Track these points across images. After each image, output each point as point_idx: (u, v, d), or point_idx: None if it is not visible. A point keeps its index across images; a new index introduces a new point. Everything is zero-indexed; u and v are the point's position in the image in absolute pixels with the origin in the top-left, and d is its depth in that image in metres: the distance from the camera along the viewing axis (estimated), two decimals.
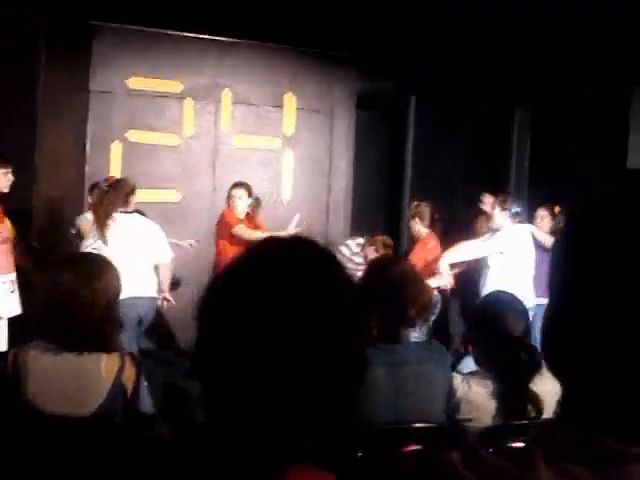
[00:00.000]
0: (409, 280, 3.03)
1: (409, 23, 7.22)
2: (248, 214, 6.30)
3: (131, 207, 5.56)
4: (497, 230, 5.98)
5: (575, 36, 6.96)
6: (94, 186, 5.99)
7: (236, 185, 6.24)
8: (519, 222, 6.09)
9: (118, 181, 5.67)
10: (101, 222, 5.37)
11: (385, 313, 2.97)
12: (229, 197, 6.21)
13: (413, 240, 6.51)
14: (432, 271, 6.01)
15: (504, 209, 5.99)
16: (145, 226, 5.61)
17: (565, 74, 7.45)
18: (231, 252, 6.03)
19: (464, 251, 6.07)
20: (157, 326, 6.14)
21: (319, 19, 6.98)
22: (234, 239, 6.09)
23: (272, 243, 1.19)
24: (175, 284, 6.06)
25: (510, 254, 5.86)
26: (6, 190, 5.50)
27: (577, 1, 6.58)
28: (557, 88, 7.70)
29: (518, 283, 5.48)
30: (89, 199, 6.27)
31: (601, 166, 7.31)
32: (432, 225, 6.39)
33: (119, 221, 5.42)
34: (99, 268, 2.87)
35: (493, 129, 8.33)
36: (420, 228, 6.34)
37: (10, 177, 5.50)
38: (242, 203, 6.21)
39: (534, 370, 2.95)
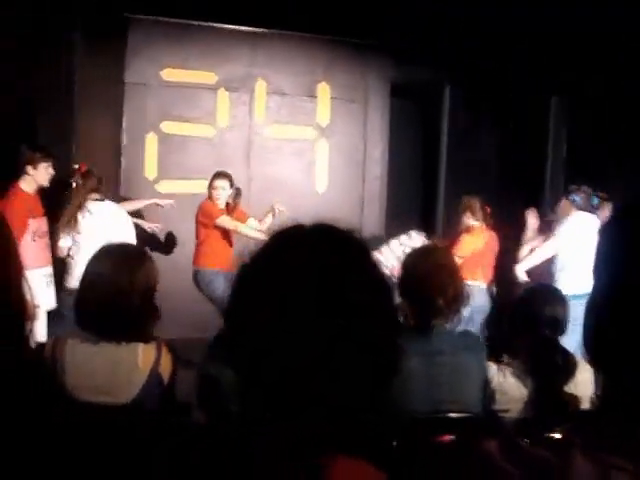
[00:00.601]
0: (439, 270, 3.02)
1: (444, 11, 7.16)
2: (228, 204, 6.34)
3: (101, 195, 5.72)
4: (562, 220, 6.07)
5: (611, 33, 6.86)
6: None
7: (218, 175, 6.28)
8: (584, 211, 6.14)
9: (88, 171, 5.72)
10: (73, 214, 5.50)
11: (418, 303, 2.97)
12: (211, 187, 6.24)
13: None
14: (480, 264, 6.22)
15: (568, 199, 6.06)
16: (117, 212, 5.79)
17: (602, 69, 7.34)
18: (215, 242, 6.15)
19: (537, 256, 6.16)
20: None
21: (352, 8, 6.94)
22: (217, 230, 6.16)
23: (292, 231, 1.18)
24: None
25: (575, 242, 5.89)
26: (46, 184, 5.60)
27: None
28: (594, 82, 7.59)
29: (583, 270, 5.49)
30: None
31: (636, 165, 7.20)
32: (484, 219, 6.38)
33: (93, 209, 5.57)
34: (137, 258, 2.89)
35: (530, 119, 8.23)
36: (471, 222, 6.33)
37: (50, 171, 5.59)
38: (224, 194, 6.27)
39: (568, 374, 2.94)
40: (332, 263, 1.10)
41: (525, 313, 3.05)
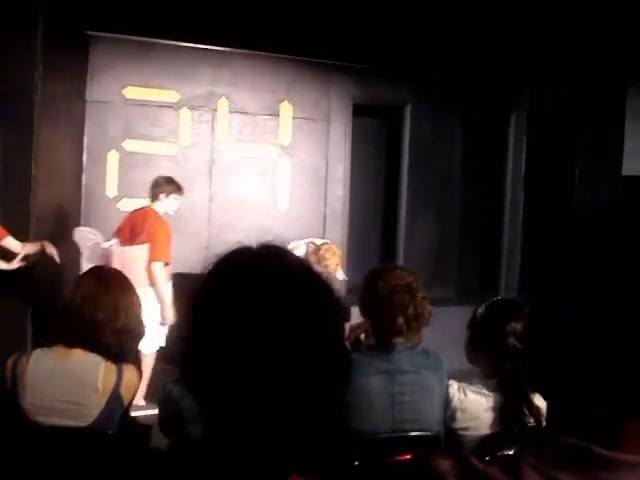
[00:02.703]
0: (396, 289, 3.03)
1: (403, 31, 7.24)
2: None
3: None
4: None
5: (570, 41, 6.99)
6: None
7: None
8: None
9: None
10: None
11: (379, 322, 2.98)
12: None
13: None
14: None
15: None
16: None
17: (561, 79, 7.48)
18: None
19: None
20: None
21: (314, 28, 6.99)
22: None
23: (239, 253, 1.17)
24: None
25: None
26: (171, 213, 6.11)
27: (574, 4, 6.61)
28: (553, 93, 7.74)
29: None
30: None
31: (598, 172, 7.33)
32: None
33: None
34: (119, 282, 2.90)
35: (489, 135, 8.35)
36: None
37: (179, 202, 6.11)
38: None
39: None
40: (279, 285, 1.10)
41: (488, 326, 3.06)
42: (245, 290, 1.09)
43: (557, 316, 0.97)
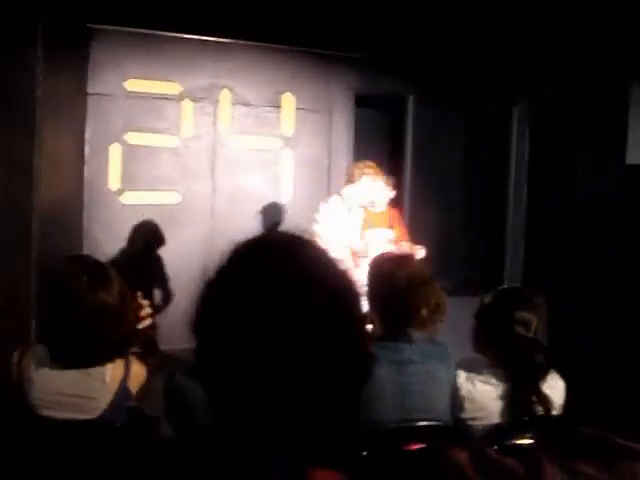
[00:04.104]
0: (418, 281, 3.02)
1: (406, 22, 7.22)
2: None
3: None
4: None
5: (573, 33, 6.97)
6: None
7: None
8: None
9: None
10: None
11: (391, 312, 2.97)
12: None
13: None
14: None
15: None
16: None
17: (564, 72, 7.46)
18: None
19: None
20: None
21: (316, 19, 6.97)
22: None
23: (257, 241, 1.16)
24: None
25: None
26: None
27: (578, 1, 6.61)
28: (555, 86, 7.72)
29: None
30: None
31: (601, 163, 7.32)
32: None
33: None
34: (110, 275, 2.85)
35: (492, 126, 8.34)
36: None
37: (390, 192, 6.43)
38: None
39: (546, 371, 2.95)
40: (300, 273, 1.08)
41: (496, 315, 3.05)
42: (260, 280, 1.06)
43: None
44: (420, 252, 6.31)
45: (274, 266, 1.08)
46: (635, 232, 6.76)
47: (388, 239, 6.63)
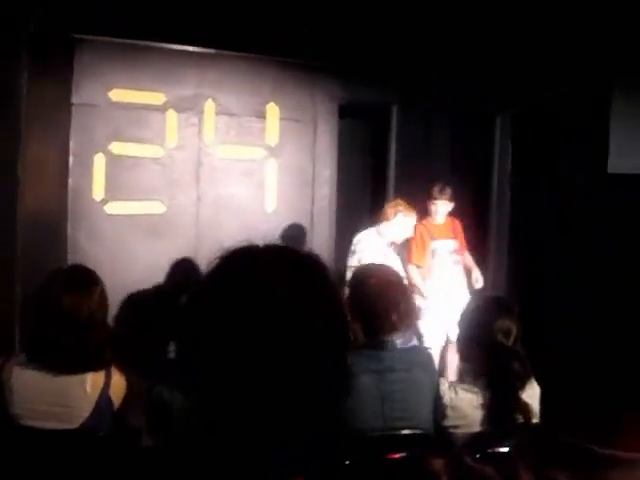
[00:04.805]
0: (389, 286, 3.05)
1: (389, 31, 7.26)
2: None
3: None
4: None
5: (555, 43, 7.03)
6: None
7: None
8: None
9: None
10: None
11: (367, 320, 2.99)
12: None
13: None
14: None
15: None
16: None
17: (547, 82, 7.53)
18: None
19: None
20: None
21: (299, 29, 7.00)
22: None
23: (248, 252, 1.15)
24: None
25: None
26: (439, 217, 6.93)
27: (558, 10, 6.66)
28: (537, 95, 7.79)
29: None
30: None
31: (583, 171, 7.39)
32: None
33: None
34: (91, 283, 2.86)
35: (476, 135, 8.39)
36: None
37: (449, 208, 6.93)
38: None
39: (525, 379, 2.98)
40: (289, 283, 1.08)
41: (478, 323, 3.08)
42: (248, 290, 1.06)
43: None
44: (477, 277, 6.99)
45: (266, 276, 1.08)
46: (615, 237, 6.82)
47: (453, 249, 7.00)
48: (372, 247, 6.45)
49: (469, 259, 7.21)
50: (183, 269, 6.75)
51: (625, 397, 5.39)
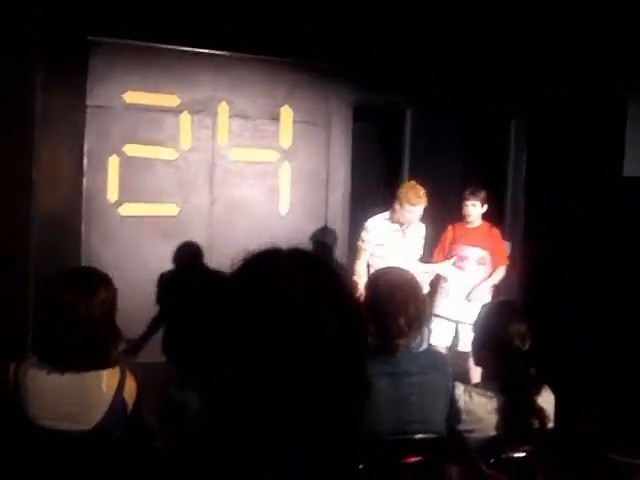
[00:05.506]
0: (398, 289, 3.04)
1: (403, 35, 7.25)
2: None
3: None
4: None
5: (572, 46, 7.00)
6: None
7: None
8: None
9: None
10: None
11: (379, 323, 2.98)
12: None
13: None
14: None
15: None
16: None
17: (562, 84, 7.49)
18: None
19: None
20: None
21: (314, 32, 7.00)
22: None
23: (270, 254, 1.15)
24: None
25: None
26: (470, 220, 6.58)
27: (574, 12, 6.63)
28: (553, 98, 7.75)
29: None
30: None
31: (598, 174, 7.35)
32: None
33: None
34: (95, 283, 2.86)
35: (490, 139, 8.36)
36: None
37: (481, 209, 6.55)
38: None
39: (541, 384, 2.96)
40: (311, 287, 1.08)
41: (493, 327, 3.07)
42: (266, 289, 1.07)
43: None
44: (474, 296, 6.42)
45: (283, 279, 1.09)
46: (630, 240, 6.79)
47: (477, 258, 6.56)
48: (378, 231, 6.26)
49: (496, 275, 6.63)
50: (190, 255, 6.67)
51: (625, 397, 5.37)
